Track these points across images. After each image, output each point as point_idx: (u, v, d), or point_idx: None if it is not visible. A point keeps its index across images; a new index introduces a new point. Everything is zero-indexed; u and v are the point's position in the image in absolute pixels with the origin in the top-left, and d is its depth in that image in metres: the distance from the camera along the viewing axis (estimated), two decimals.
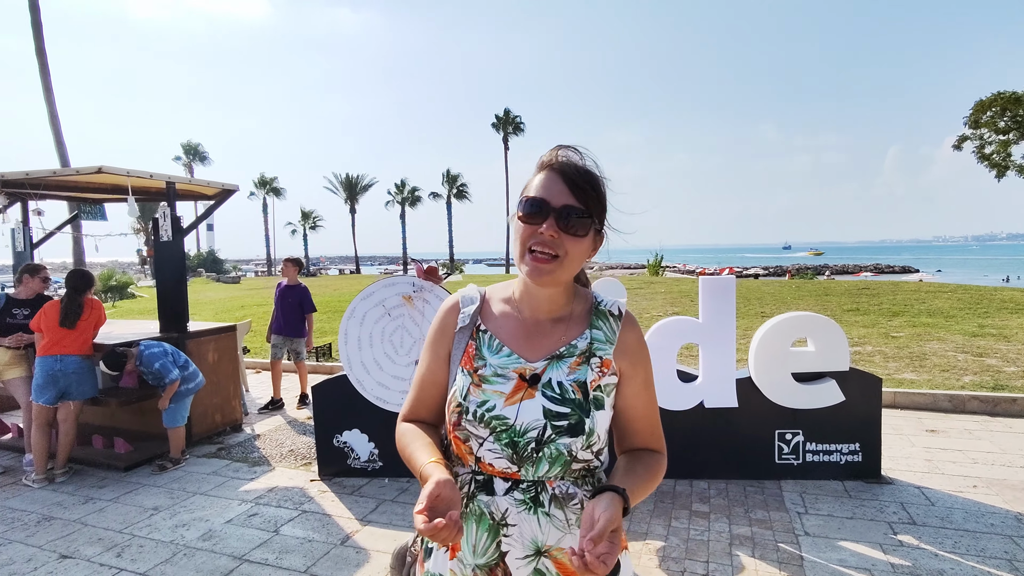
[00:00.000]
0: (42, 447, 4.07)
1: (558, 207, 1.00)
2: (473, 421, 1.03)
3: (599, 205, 1.04)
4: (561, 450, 1.01)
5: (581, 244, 1.02)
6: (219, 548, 3.11)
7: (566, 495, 1.04)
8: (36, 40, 17.54)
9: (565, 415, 1.02)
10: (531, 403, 1.03)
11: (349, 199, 55.25)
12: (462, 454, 1.07)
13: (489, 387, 1.05)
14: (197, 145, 50.11)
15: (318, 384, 4.12)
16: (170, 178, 4.63)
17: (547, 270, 1.00)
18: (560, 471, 1.03)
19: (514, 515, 1.03)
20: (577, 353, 1.07)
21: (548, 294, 1.08)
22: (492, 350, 1.09)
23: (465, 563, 1.05)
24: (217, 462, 4.45)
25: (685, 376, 3.75)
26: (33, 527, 3.42)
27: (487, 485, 1.05)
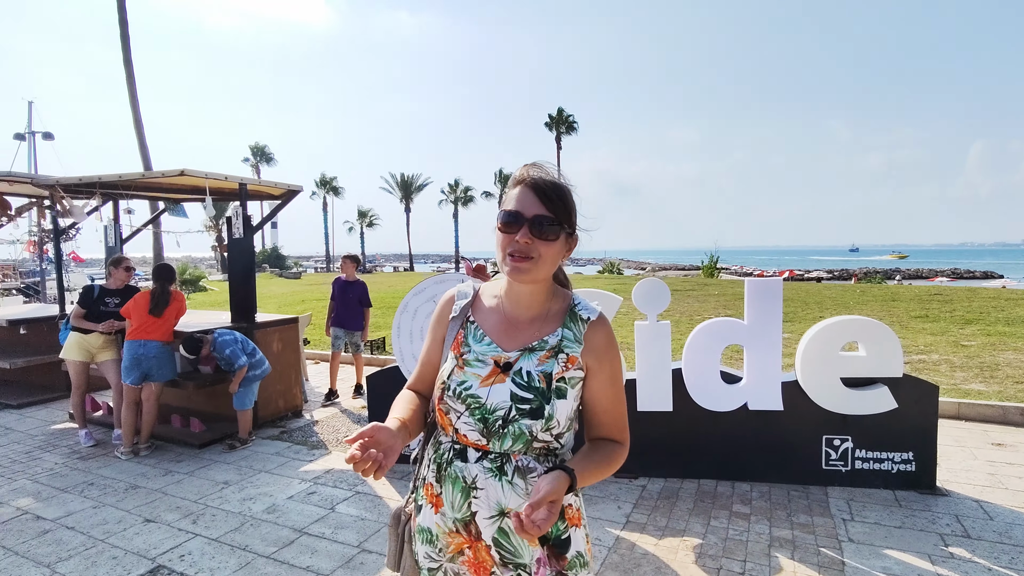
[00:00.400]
0: (129, 424, 4.51)
1: (530, 217, 1.15)
2: (453, 397, 1.21)
3: (567, 212, 1.19)
4: (523, 429, 1.16)
5: (552, 247, 1.17)
6: (282, 521, 3.38)
7: (527, 468, 1.18)
8: (124, 52, 19.01)
9: (528, 400, 1.17)
10: (501, 387, 1.18)
11: (404, 198, 56.67)
12: (444, 424, 1.24)
13: (470, 370, 1.22)
14: (264, 147, 52.69)
15: (372, 375, 4.36)
16: (242, 180, 5.01)
17: (524, 268, 1.16)
18: (522, 447, 1.18)
19: (482, 480, 1.19)
20: (547, 348, 1.22)
21: (529, 291, 1.23)
22: (476, 339, 1.25)
23: (447, 517, 1.23)
24: (280, 444, 4.78)
25: (729, 377, 3.74)
26: (122, 493, 3.82)
27: (462, 453, 1.22)
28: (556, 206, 1.17)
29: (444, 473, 1.23)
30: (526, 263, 1.16)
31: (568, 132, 48.00)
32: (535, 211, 1.15)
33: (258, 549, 3.07)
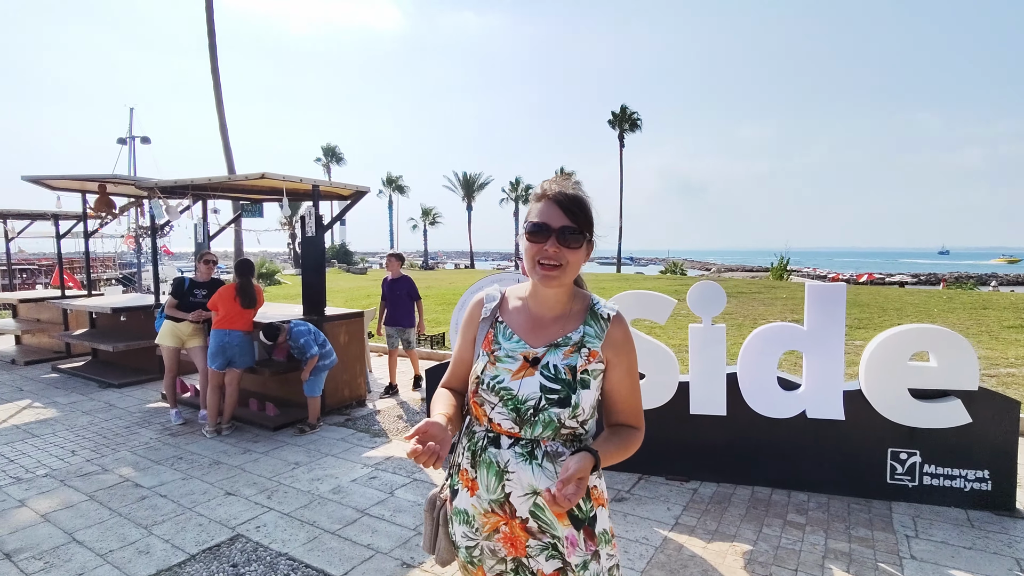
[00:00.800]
0: (214, 405, 4.94)
1: (557, 228, 1.27)
2: (487, 390, 1.33)
3: (588, 222, 1.31)
4: (552, 417, 1.29)
5: (577, 254, 1.30)
6: (345, 501, 3.63)
7: (556, 452, 1.31)
8: (212, 62, 20.43)
9: (556, 391, 1.29)
10: (531, 379, 1.31)
11: (466, 196, 57.62)
12: (479, 415, 1.37)
13: (501, 365, 1.34)
14: (335, 147, 55.05)
15: (431, 368, 4.56)
16: (315, 182, 5.35)
17: (553, 276, 1.29)
18: (551, 433, 1.31)
19: (514, 464, 1.31)
20: (571, 343, 1.34)
21: (554, 294, 1.35)
22: (506, 337, 1.38)
23: (482, 499, 1.35)
24: (345, 431, 5.09)
25: (787, 384, 3.66)
26: (207, 468, 4.20)
27: (496, 440, 1.34)
28: (579, 217, 1.29)
29: (479, 459, 1.35)
30: (555, 271, 1.28)
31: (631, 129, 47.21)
32: (561, 223, 1.27)
33: (324, 525, 3.32)
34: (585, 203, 1.31)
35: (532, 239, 1.29)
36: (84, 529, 3.31)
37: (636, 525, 3.28)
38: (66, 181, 6.94)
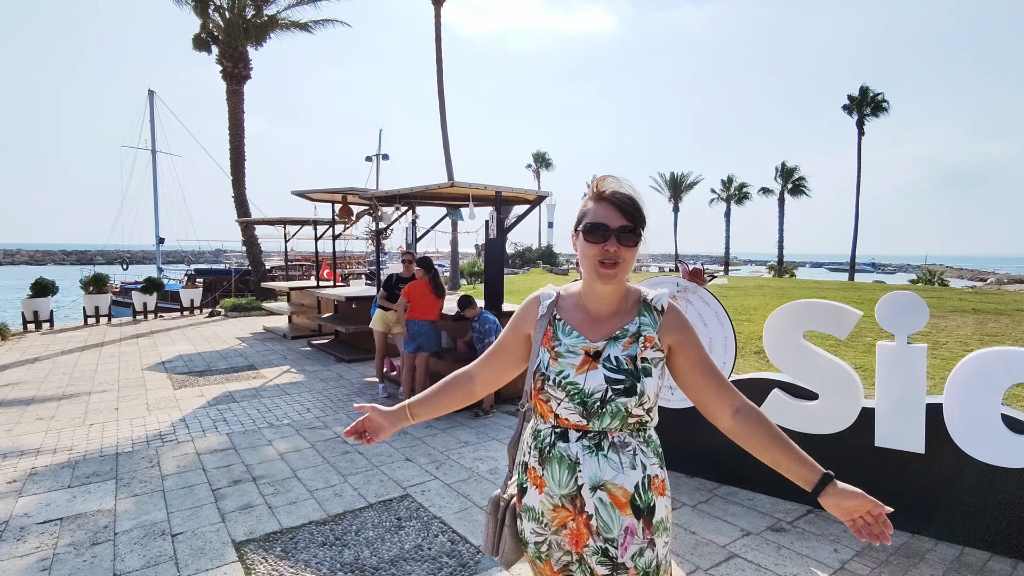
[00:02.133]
0: (407, 382, 5.75)
1: (616, 228, 1.32)
2: (553, 386, 1.37)
3: (642, 220, 1.35)
4: (620, 407, 1.33)
5: (633, 252, 1.35)
6: (498, 481, 3.94)
7: (623, 443, 1.35)
8: (439, 84, 23.28)
9: (621, 381, 1.33)
10: (595, 372, 1.35)
11: (673, 197, 55.56)
12: (544, 412, 1.40)
13: (564, 360, 1.38)
14: (544, 153, 57.97)
15: None
16: (498, 188, 5.84)
17: (612, 275, 1.34)
18: (619, 423, 1.34)
19: (582, 457, 1.34)
20: (629, 335, 1.38)
21: (609, 291, 1.39)
22: (565, 333, 1.42)
23: (552, 494, 1.38)
24: (514, 419, 5.47)
25: (1017, 425, 2.90)
26: (395, 435, 4.94)
27: (563, 435, 1.37)
28: (635, 217, 1.33)
29: (547, 455, 1.38)
30: (614, 270, 1.34)
31: (874, 114, 40.28)
32: (619, 223, 1.32)
33: (475, 500, 3.67)
34: (639, 203, 1.36)
35: (591, 239, 1.33)
36: (303, 469, 4.19)
37: (790, 560, 2.94)
38: (319, 194, 8.70)
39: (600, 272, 1.34)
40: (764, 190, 48.50)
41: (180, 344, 9.80)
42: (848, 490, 1.27)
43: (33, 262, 75.59)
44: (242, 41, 15.15)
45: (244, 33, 14.99)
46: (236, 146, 15.75)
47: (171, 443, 4.75)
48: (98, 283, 12.87)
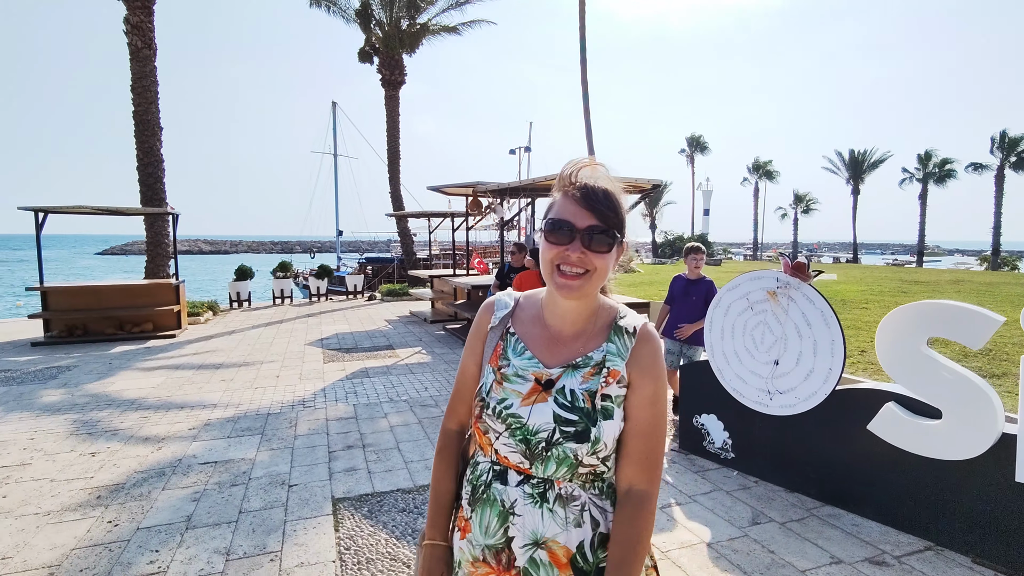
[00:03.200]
0: None
1: (582, 228, 1.06)
2: (492, 416, 1.13)
3: (618, 220, 1.09)
4: (567, 453, 1.08)
5: (606, 259, 1.08)
6: None
7: (570, 496, 1.10)
8: (582, 73, 23.14)
9: (573, 422, 1.09)
10: (543, 406, 1.11)
11: (852, 179, 48.89)
12: (483, 444, 1.18)
13: (509, 386, 1.14)
14: (699, 136, 54.57)
15: (686, 365, 4.43)
16: None
17: (576, 286, 1.08)
18: (567, 472, 1.09)
19: (521, 506, 1.11)
20: (592, 364, 1.13)
21: (573, 306, 1.14)
22: (516, 352, 1.18)
23: (475, 543, 1.15)
24: None
25: None
26: None
27: (502, 475, 1.14)
28: (608, 217, 1.07)
29: (480, 496, 1.16)
30: (578, 280, 1.08)
31: None
32: (588, 222, 1.06)
33: None
34: (615, 196, 1.09)
35: (552, 240, 1.08)
36: (406, 442, 4.62)
37: None
38: (453, 188, 9.29)
39: (558, 281, 1.09)
40: (975, 166, 40.42)
41: (338, 324, 11.19)
42: None
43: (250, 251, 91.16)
44: (397, 50, 16.62)
45: (399, 43, 16.42)
46: (392, 146, 17.36)
47: (309, 409, 5.52)
48: (283, 269, 15.16)
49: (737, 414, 3.96)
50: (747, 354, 3.83)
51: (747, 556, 2.90)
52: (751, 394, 3.81)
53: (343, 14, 17.38)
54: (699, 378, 4.24)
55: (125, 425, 5.00)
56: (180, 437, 4.69)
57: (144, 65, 12.11)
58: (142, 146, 12.13)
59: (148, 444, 4.53)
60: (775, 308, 3.66)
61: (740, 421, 3.96)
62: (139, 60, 12.07)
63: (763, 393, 3.73)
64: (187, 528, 3.20)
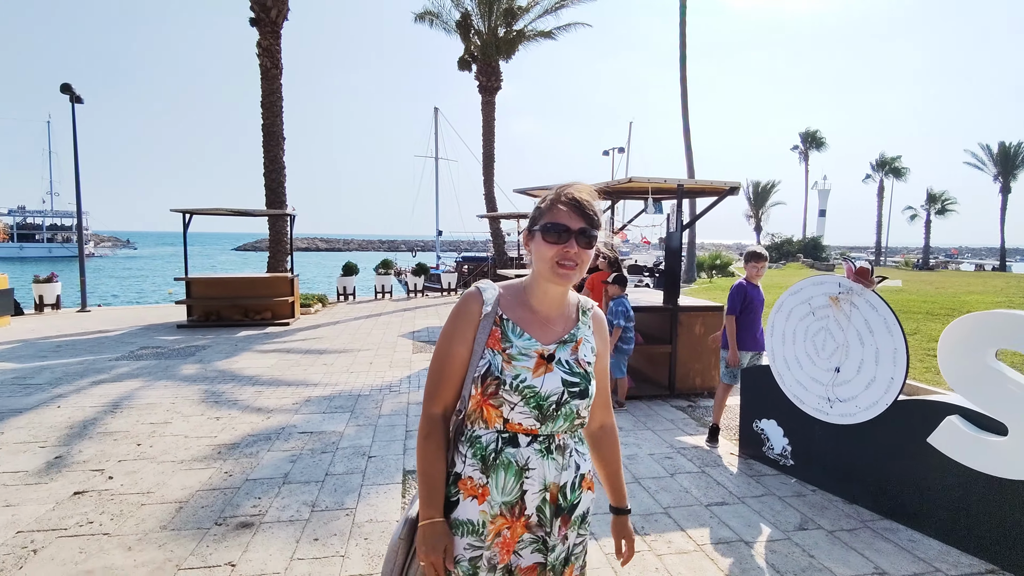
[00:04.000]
0: None
1: (576, 230, 1.31)
2: (509, 390, 1.32)
3: (599, 224, 1.36)
4: (573, 410, 1.36)
5: (589, 254, 1.35)
6: (631, 467, 4.11)
7: (564, 445, 1.39)
8: (681, 70, 22.56)
9: (576, 384, 1.37)
10: (552, 375, 1.35)
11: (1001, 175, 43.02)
12: (490, 418, 1.35)
13: (518, 363, 1.34)
14: (815, 132, 50.63)
15: (748, 368, 4.40)
16: (679, 181, 5.78)
17: (569, 275, 1.33)
18: (568, 426, 1.38)
19: (534, 461, 1.34)
20: (576, 339, 1.42)
21: (561, 292, 1.41)
22: (516, 335, 1.37)
23: (493, 503, 1.33)
24: (679, 414, 5.43)
25: None
26: None
27: (512, 440, 1.34)
28: (593, 220, 1.33)
29: (492, 463, 1.33)
30: (572, 271, 1.32)
31: None
32: (579, 224, 1.31)
33: None
34: (598, 205, 1.36)
35: (551, 240, 1.31)
36: None
37: None
38: (538, 191, 9.60)
39: (559, 273, 1.32)
40: None
41: (430, 318, 11.94)
42: (630, 529, 1.56)
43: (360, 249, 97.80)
44: (494, 57, 17.26)
45: (496, 50, 17.05)
46: (487, 150, 18.06)
47: (394, 393, 6.09)
48: (384, 266, 16.36)
49: (797, 421, 3.90)
50: (808, 360, 3.78)
51: (784, 557, 2.93)
52: (811, 401, 3.75)
53: (444, 26, 18.37)
54: (760, 382, 4.21)
55: (243, 397, 5.84)
56: (285, 410, 5.42)
57: (272, 83, 13.64)
58: (268, 155, 13.68)
59: (260, 414, 5.29)
60: (837, 314, 3.59)
61: (800, 428, 3.90)
62: (268, 79, 13.62)
63: (823, 400, 3.67)
64: (284, 483, 3.78)
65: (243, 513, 3.35)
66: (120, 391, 6.00)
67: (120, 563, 2.80)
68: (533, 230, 1.36)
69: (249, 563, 2.83)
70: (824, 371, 3.67)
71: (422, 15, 18.58)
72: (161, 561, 2.83)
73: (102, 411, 5.30)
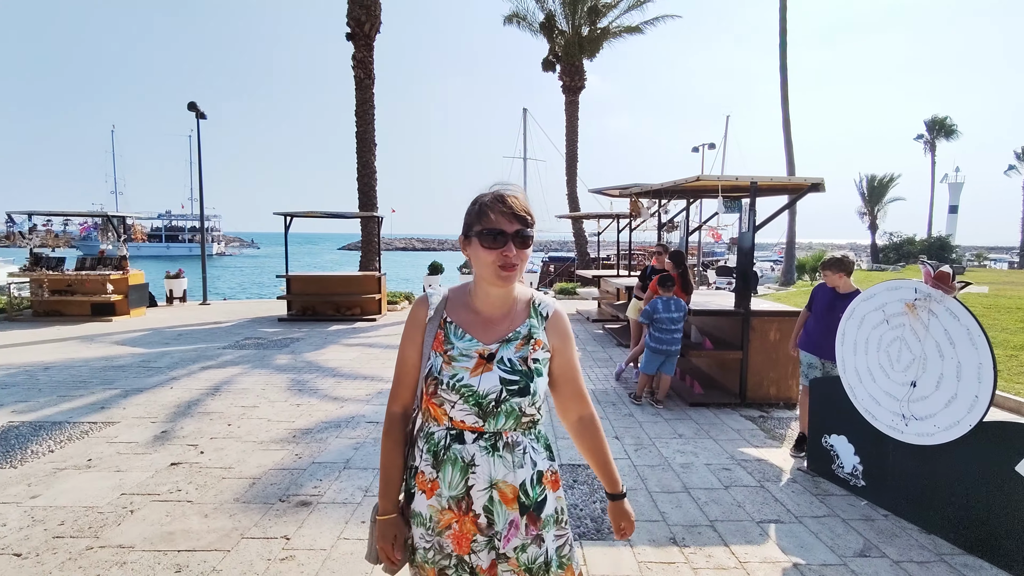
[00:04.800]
0: None
1: (512, 232, 1.36)
2: (446, 389, 1.38)
3: (532, 223, 1.41)
4: (514, 407, 1.39)
5: (527, 254, 1.40)
6: (683, 475, 3.98)
7: (515, 443, 1.41)
8: (781, 57, 21.13)
9: (515, 382, 1.39)
10: (489, 374, 1.39)
11: None
12: (437, 416, 1.42)
13: (457, 364, 1.40)
14: (944, 119, 45.21)
15: (817, 379, 4.10)
16: (752, 178, 5.47)
17: (511, 277, 1.39)
18: (513, 423, 1.40)
19: (479, 457, 1.38)
20: (521, 337, 1.44)
21: (503, 293, 1.45)
22: (457, 336, 1.44)
23: (442, 497, 1.40)
24: (747, 425, 5.15)
25: None
26: (617, 418, 5.34)
27: (459, 437, 1.40)
28: (527, 221, 1.38)
29: (442, 458, 1.39)
30: (513, 271, 1.38)
31: None
32: (515, 227, 1.36)
33: (650, 485, 3.84)
34: (529, 208, 1.41)
35: (489, 245, 1.35)
36: None
37: None
38: (612, 190, 9.48)
39: (501, 276, 1.37)
40: None
41: None
42: (628, 510, 1.58)
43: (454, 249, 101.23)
44: (578, 56, 17.17)
45: (579, 49, 16.95)
46: (571, 150, 18.01)
47: None
48: (467, 266, 16.84)
49: (870, 438, 3.58)
50: (881, 372, 3.46)
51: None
52: (884, 417, 3.43)
53: (531, 28, 18.55)
54: (829, 394, 3.91)
55: (323, 387, 6.32)
56: (357, 400, 5.80)
57: (365, 92, 14.51)
58: (361, 160, 14.57)
59: (335, 403, 5.70)
60: (914, 323, 3.26)
61: (873, 446, 3.58)
62: (362, 89, 14.51)
63: (897, 417, 3.34)
64: (344, 468, 4.07)
65: (304, 493, 3.65)
66: (222, 376, 6.71)
67: (196, 528, 3.18)
68: (469, 236, 1.40)
69: (301, 538, 3.09)
70: (898, 385, 3.34)
71: (510, 17, 18.91)
72: (229, 529, 3.17)
73: (204, 393, 5.97)
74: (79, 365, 7.20)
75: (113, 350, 8.20)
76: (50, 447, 4.37)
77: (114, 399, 5.70)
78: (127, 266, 11.64)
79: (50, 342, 8.76)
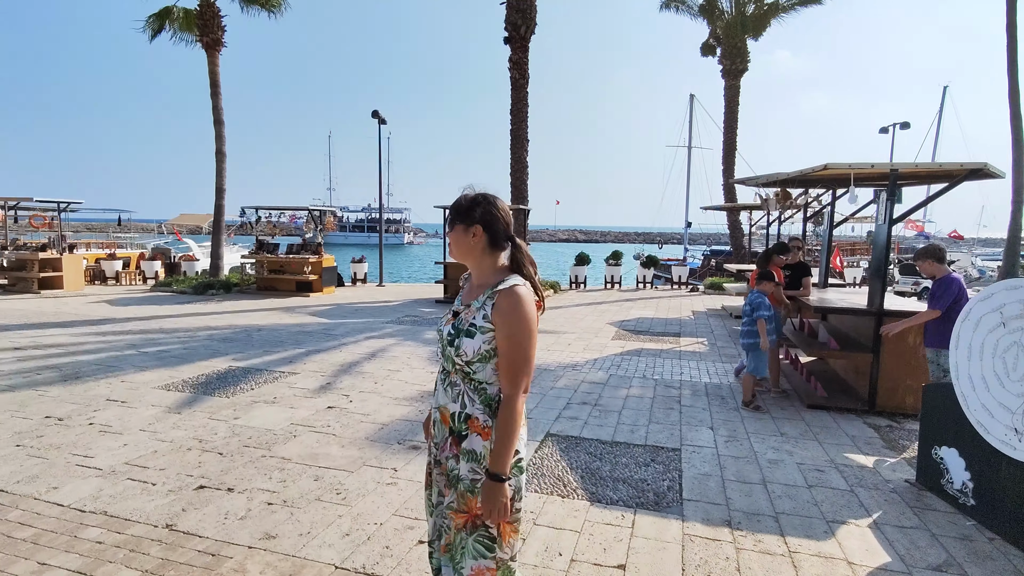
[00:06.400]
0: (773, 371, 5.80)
1: (447, 219, 1.92)
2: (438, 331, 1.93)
3: (462, 215, 1.81)
4: (449, 354, 1.79)
5: (454, 236, 1.82)
6: (766, 470, 3.96)
7: (455, 383, 1.80)
8: (1008, 13, 17.35)
9: (453, 335, 1.78)
10: (447, 326, 1.83)
11: None
12: None
13: (446, 316, 1.91)
14: None
15: (929, 385, 3.74)
16: (893, 165, 4.98)
17: (451, 254, 1.89)
18: (451, 366, 1.80)
19: (438, 385, 1.89)
20: (475, 307, 1.78)
21: (474, 268, 1.87)
22: (459, 298, 1.94)
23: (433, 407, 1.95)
24: (868, 432, 4.78)
25: None
26: (716, 408, 5.31)
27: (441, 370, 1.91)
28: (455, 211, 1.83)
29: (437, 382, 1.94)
30: (451, 250, 1.88)
31: None
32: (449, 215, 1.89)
33: (728, 475, 3.90)
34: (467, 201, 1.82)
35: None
36: (629, 409, 5.30)
37: None
38: (754, 180, 9.00)
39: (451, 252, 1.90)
40: None
41: (645, 310, 12.15)
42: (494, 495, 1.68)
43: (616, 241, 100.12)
44: (740, 36, 16.12)
45: (741, 28, 15.90)
46: (729, 137, 17.04)
47: (576, 371, 6.72)
48: (614, 257, 16.97)
49: (981, 452, 3.25)
50: (996, 380, 3.12)
51: None
52: (997, 430, 3.10)
53: (689, 11, 17.84)
54: (941, 402, 3.57)
55: None
56: None
57: (520, 92, 15.42)
58: (514, 155, 15.54)
59: None
60: None
61: (985, 462, 3.24)
62: (516, 88, 15.44)
63: (1010, 431, 3.01)
64: None
65: (416, 440, 4.43)
66: (379, 345, 7.99)
67: (334, 453, 4.11)
68: None
69: (405, 471, 3.83)
70: (1014, 396, 3.00)
71: (667, 2, 18.39)
72: (356, 457, 4.04)
73: (363, 357, 7.22)
74: (280, 329, 9.09)
75: (305, 319, 10.13)
76: (252, 386, 5.80)
77: (299, 356, 7.20)
78: (321, 252, 14.04)
79: (264, 311, 11.09)
